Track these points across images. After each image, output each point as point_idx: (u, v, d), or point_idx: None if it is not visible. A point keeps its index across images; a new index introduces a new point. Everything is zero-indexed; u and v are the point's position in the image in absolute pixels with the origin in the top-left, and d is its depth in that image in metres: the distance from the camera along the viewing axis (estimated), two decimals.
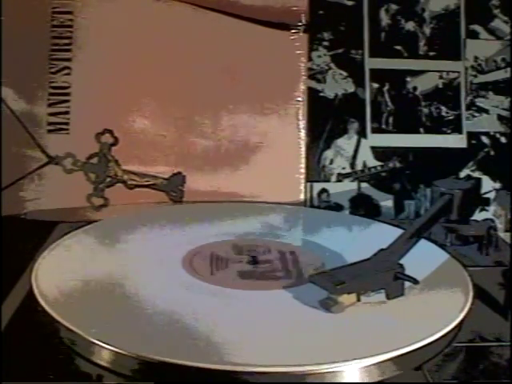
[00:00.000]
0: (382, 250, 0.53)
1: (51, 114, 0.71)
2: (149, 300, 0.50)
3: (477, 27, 0.77)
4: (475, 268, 0.57)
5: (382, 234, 0.59)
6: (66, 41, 0.72)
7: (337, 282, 0.48)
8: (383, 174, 0.75)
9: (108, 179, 0.72)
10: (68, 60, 0.72)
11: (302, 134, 0.74)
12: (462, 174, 0.76)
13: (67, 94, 0.72)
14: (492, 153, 0.76)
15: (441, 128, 0.76)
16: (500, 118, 0.76)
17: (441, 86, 0.76)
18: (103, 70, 0.72)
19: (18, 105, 0.71)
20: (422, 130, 0.76)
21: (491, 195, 0.76)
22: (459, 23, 0.77)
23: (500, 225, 0.74)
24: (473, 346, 0.47)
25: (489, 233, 0.62)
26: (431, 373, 0.44)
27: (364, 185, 0.75)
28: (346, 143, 0.75)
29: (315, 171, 0.74)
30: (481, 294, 0.53)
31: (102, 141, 0.72)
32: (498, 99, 0.76)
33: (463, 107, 0.76)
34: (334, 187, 0.75)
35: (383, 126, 0.75)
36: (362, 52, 0.75)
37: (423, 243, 0.57)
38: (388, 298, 0.50)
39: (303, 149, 0.74)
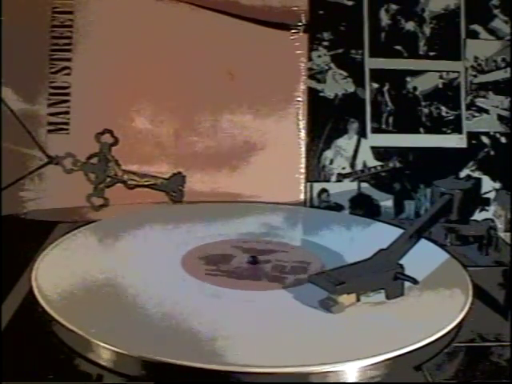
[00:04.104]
0: (381, 250, 0.53)
1: (51, 114, 0.71)
2: (148, 300, 0.50)
3: (477, 27, 0.77)
4: (475, 268, 0.57)
5: (382, 234, 0.59)
6: (66, 41, 0.72)
7: (337, 282, 0.48)
8: (383, 174, 0.75)
9: (108, 179, 0.72)
10: (68, 60, 0.72)
11: (302, 134, 0.74)
12: (462, 174, 0.75)
13: (67, 94, 0.72)
14: (492, 153, 0.76)
15: (441, 128, 0.76)
16: (500, 117, 0.76)
17: (441, 86, 0.76)
18: (103, 70, 0.72)
19: (17, 105, 0.71)
20: (422, 130, 0.76)
21: (491, 195, 0.76)
22: (459, 23, 0.76)
23: (500, 225, 0.74)
24: (473, 345, 0.47)
25: (489, 233, 0.62)
26: (431, 373, 0.44)
27: (364, 185, 0.75)
28: (346, 143, 0.75)
29: (315, 171, 0.74)
30: (481, 294, 0.53)
31: (101, 141, 0.72)
32: (498, 99, 0.76)
33: (463, 107, 0.76)
34: (333, 187, 0.75)
35: (383, 126, 0.75)
36: (362, 52, 0.75)
37: (423, 243, 0.57)
38: (388, 298, 0.50)
39: (303, 149, 0.74)
